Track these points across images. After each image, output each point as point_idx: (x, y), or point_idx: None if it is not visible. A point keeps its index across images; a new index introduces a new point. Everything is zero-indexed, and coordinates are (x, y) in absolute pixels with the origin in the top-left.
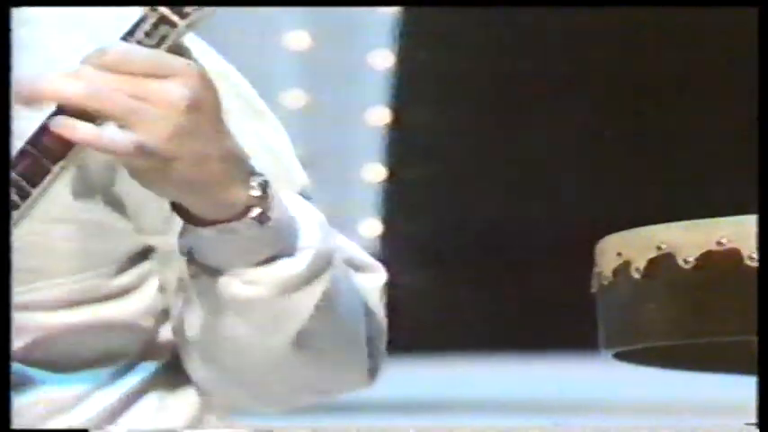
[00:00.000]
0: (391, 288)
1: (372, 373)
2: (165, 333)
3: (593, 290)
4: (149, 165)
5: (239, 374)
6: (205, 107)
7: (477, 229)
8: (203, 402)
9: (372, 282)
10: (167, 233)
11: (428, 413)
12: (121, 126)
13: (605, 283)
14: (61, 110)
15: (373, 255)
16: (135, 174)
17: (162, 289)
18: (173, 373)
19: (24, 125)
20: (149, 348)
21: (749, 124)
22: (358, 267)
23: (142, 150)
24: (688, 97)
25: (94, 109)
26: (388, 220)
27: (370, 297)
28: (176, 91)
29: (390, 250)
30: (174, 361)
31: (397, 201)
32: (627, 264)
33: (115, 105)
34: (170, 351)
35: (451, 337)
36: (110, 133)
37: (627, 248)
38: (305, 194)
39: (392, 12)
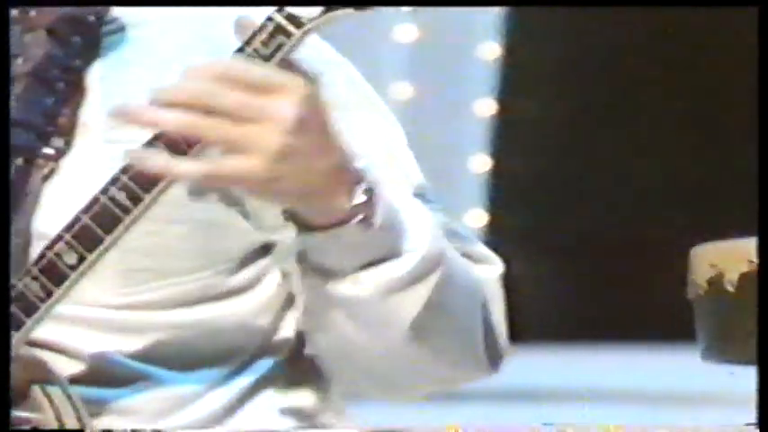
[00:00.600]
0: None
1: (494, 362)
2: (283, 330)
3: (690, 296)
4: (253, 187)
5: (362, 369)
6: (311, 125)
7: (580, 221)
8: (318, 401)
9: (490, 273)
10: (288, 228)
11: (540, 402)
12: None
13: (701, 292)
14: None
15: None
16: (240, 189)
17: (285, 281)
18: (288, 371)
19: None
20: (266, 345)
21: None
22: (475, 259)
23: (241, 179)
24: None
25: (194, 138)
26: (493, 211)
27: (488, 288)
28: (282, 110)
29: (494, 241)
30: (290, 358)
31: (503, 192)
32: (720, 276)
33: (213, 134)
34: (288, 348)
35: (556, 327)
36: (197, 165)
37: (720, 260)
38: (420, 192)
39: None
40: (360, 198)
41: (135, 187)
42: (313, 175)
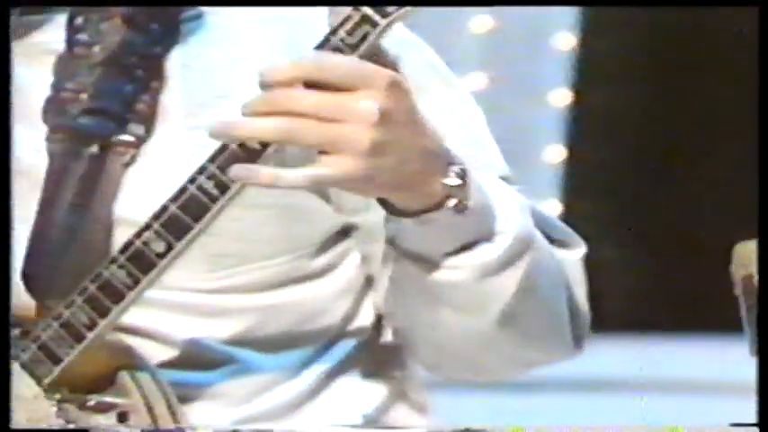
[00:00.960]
0: None
1: (578, 343)
2: (362, 313)
3: (736, 293)
4: (351, 185)
5: (451, 352)
6: (397, 115)
7: (655, 210)
8: (393, 391)
9: (573, 255)
10: (369, 210)
11: (619, 391)
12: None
13: (738, 291)
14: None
15: None
16: (338, 188)
17: (364, 264)
18: (367, 356)
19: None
20: (346, 329)
21: None
22: (558, 241)
23: (339, 181)
24: None
25: (289, 144)
26: (567, 201)
27: (571, 271)
28: (366, 106)
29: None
30: (369, 342)
31: (578, 181)
32: (751, 276)
33: (307, 139)
34: (367, 332)
35: (629, 317)
36: (301, 173)
37: (750, 258)
38: (503, 174)
39: None
40: (453, 181)
41: (222, 176)
42: (407, 164)
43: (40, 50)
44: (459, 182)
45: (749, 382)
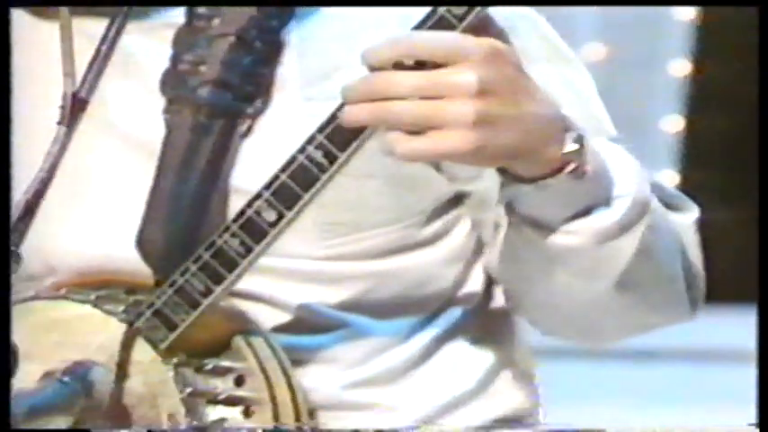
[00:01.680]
0: None
1: (694, 305)
2: (471, 279)
3: None
4: (461, 159)
5: (567, 316)
6: (500, 84)
7: None
8: (500, 357)
9: (687, 219)
10: (482, 178)
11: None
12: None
13: None
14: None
15: None
16: (451, 161)
17: (476, 230)
18: (476, 322)
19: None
20: (455, 295)
21: None
22: (672, 206)
23: (449, 155)
24: None
25: (392, 127)
26: (684, 171)
27: (686, 234)
28: (464, 78)
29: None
30: (478, 309)
31: (694, 152)
32: None
33: (409, 120)
34: (476, 298)
35: (743, 287)
36: (413, 145)
37: None
38: (614, 141)
39: None
40: (571, 147)
41: (331, 146)
42: (520, 132)
43: (160, 24)
44: (576, 147)
45: None
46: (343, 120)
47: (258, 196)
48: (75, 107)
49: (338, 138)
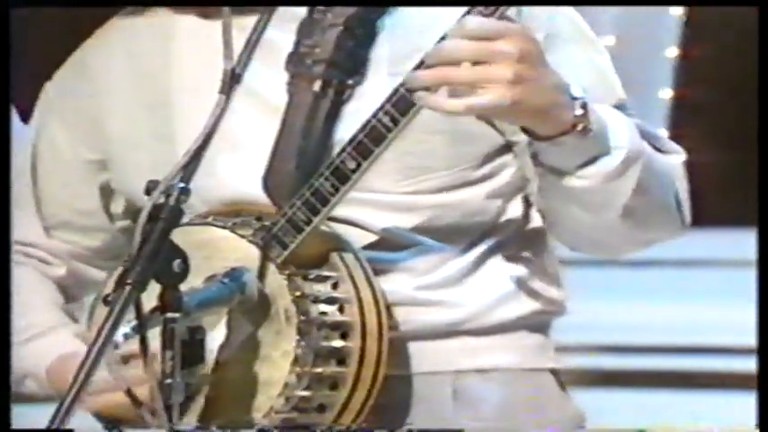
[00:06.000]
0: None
1: (683, 224)
2: (512, 209)
3: None
4: (501, 111)
5: (585, 237)
6: (530, 56)
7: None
8: (534, 268)
9: (675, 160)
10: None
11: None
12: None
13: None
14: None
15: None
16: (491, 116)
17: (520, 171)
18: (515, 243)
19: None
20: (498, 221)
21: None
22: (664, 150)
23: (490, 107)
24: None
25: (453, 85)
26: (673, 127)
27: (676, 172)
28: (506, 48)
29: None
30: (516, 233)
31: (681, 113)
32: None
33: (464, 78)
34: (515, 224)
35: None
36: (462, 102)
37: None
38: (622, 103)
39: None
40: (578, 111)
41: (395, 112)
42: (543, 95)
43: (288, 17)
44: (582, 111)
45: None
46: (414, 83)
47: (343, 150)
48: (232, 80)
49: (401, 106)
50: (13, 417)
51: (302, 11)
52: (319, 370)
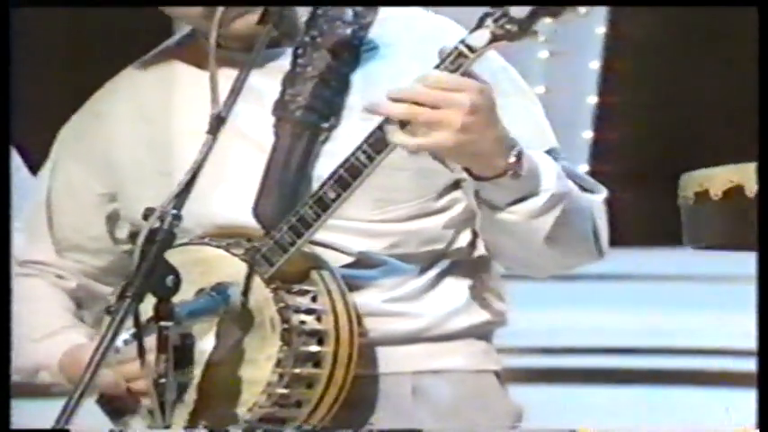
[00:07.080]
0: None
1: (600, 251)
2: (461, 238)
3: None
4: (446, 151)
5: (517, 261)
6: (481, 109)
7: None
8: (481, 286)
9: (597, 198)
10: None
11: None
12: (428, 128)
13: (690, 203)
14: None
15: None
16: (438, 154)
17: (467, 206)
18: (464, 265)
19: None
20: (450, 249)
21: None
22: (587, 188)
23: (438, 147)
24: None
25: (412, 119)
26: (594, 166)
27: (596, 208)
28: (460, 99)
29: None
30: (464, 258)
31: (603, 152)
32: (706, 191)
33: (421, 118)
34: (464, 251)
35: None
36: (417, 140)
37: (706, 180)
38: (552, 149)
39: None
40: (512, 158)
41: (371, 151)
42: (484, 144)
43: (275, 70)
44: (515, 159)
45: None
46: (384, 109)
47: (325, 182)
48: (218, 122)
49: (376, 146)
50: (13, 416)
51: (287, 64)
52: (298, 371)
